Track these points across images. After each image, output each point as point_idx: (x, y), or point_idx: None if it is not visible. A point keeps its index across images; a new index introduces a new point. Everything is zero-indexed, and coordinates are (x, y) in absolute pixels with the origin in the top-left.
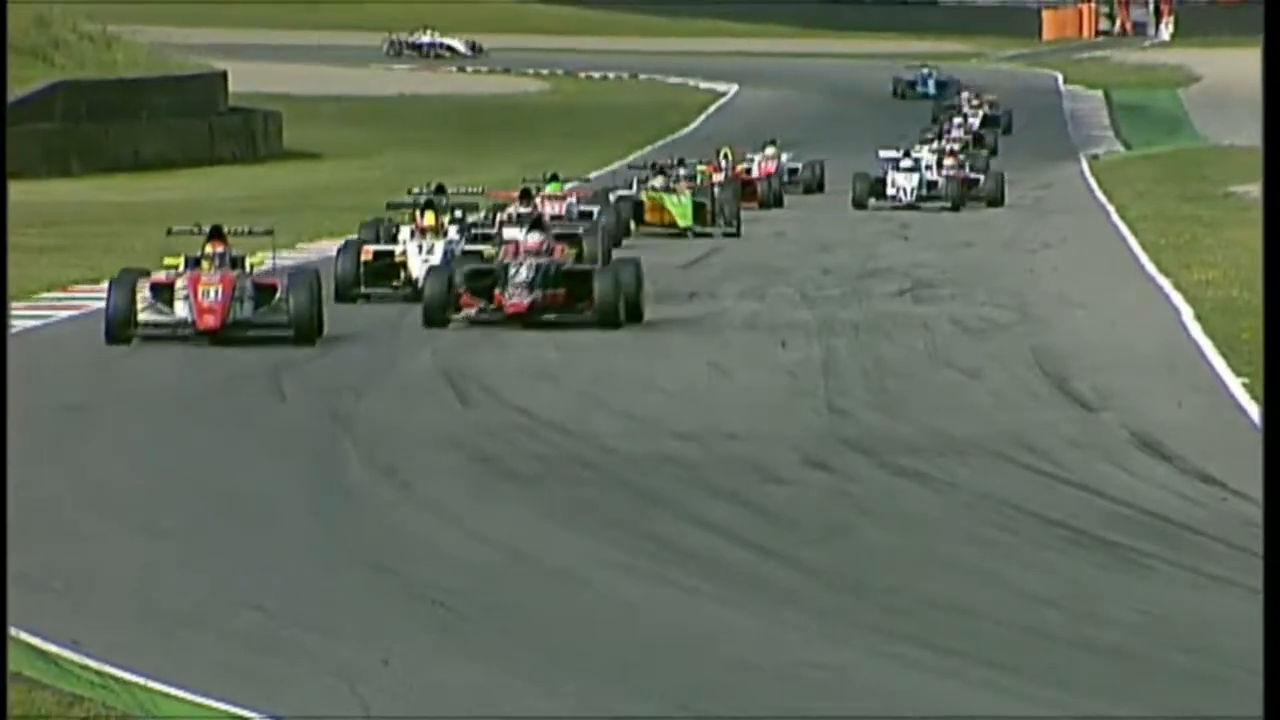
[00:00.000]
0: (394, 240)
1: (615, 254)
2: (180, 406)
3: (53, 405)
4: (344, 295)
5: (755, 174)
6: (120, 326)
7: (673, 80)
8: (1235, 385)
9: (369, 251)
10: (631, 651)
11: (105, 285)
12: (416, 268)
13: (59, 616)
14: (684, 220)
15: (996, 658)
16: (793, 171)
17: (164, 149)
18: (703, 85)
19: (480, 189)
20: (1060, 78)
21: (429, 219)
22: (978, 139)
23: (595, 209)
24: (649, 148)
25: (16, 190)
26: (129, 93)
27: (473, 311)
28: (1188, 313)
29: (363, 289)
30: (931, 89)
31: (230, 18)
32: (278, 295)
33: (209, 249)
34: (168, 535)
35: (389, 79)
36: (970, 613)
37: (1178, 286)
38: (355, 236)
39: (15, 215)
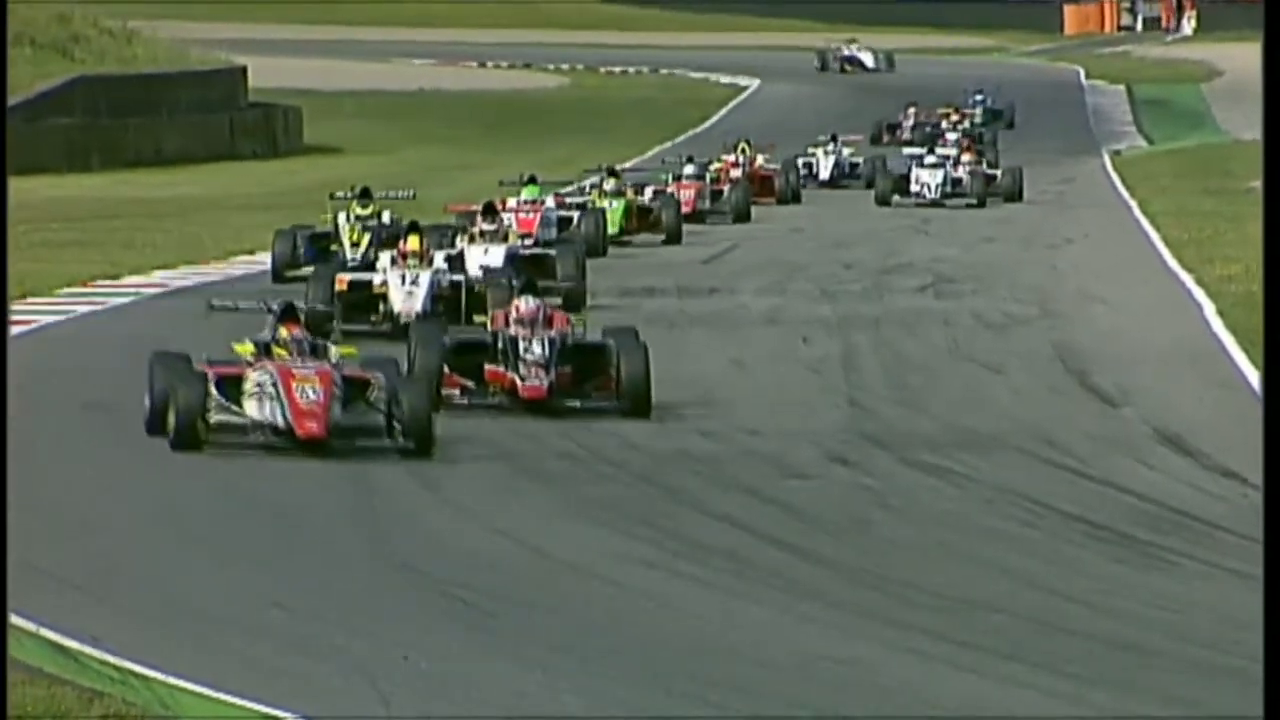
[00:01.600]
0: (370, 268)
1: (596, 262)
2: None
3: (73, 402)
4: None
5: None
6: (189, 430)
7: (693, 75)
8: (1257, 380)
9: (344, 281)
10: (653, 646)
11: (128, 280)
12: (399, 301)
13: (81, 613)
14: (611, 227)
15: (1017, 652)
16: (853, 166)
17: (184, 144)
18: (724, 80)
19: (411, 193)
20: (1082, 72)
21: (412, 243)
22: (973, 140)
23: (575, 215)
24: (669, 143)
25: (37, 185)
26: (149, 88)
27: (457, 393)
28: (1210, 308)
29: (338, 325)
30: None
31: (251, 13)
32: (372, 392)
33: (284, 332)
34: (191, 533)
35: (409, 74)
36: (990, 607)
37: (1200, 282)
38: (288, 232)
39: (36, 211)
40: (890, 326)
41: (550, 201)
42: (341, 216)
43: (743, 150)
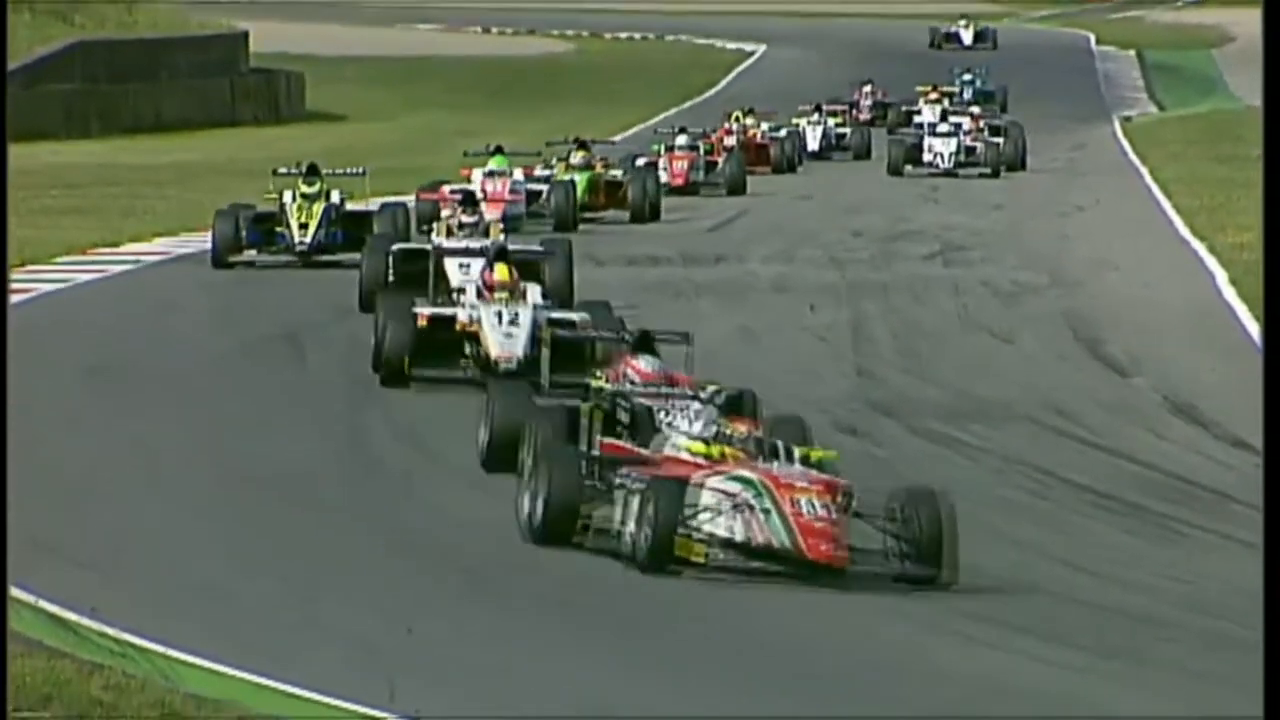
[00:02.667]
0: (452, 302)
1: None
2: (201, 369)
3: (74, 368)
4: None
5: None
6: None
7: (700, 40)
8: None
9: (425, 317)
10: (661, 615)
11: (127, 248)
12: (496, 345)
13: (80, 585)
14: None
15: (1027, 623)
16: (840, 137)
17: (185, 110)
18: (730, 45)
19: (362, 170)
20: (1093, 38)
21: (500, 274)
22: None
23: (543, 188)
24: (674, 109)
25: (37, 151)
26: (149, 53)
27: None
28: (1221, 276)
29: (409, 371)
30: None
31: None
32: None
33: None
34: (191, 502)
35: (413, 40)
36: (999, 578)
37: (1211, 250)
38: (229, 211)
39: (35, 177)
40: (899, 294)
41: (519, 174)
42: (287, 195)
43: (736, 119)
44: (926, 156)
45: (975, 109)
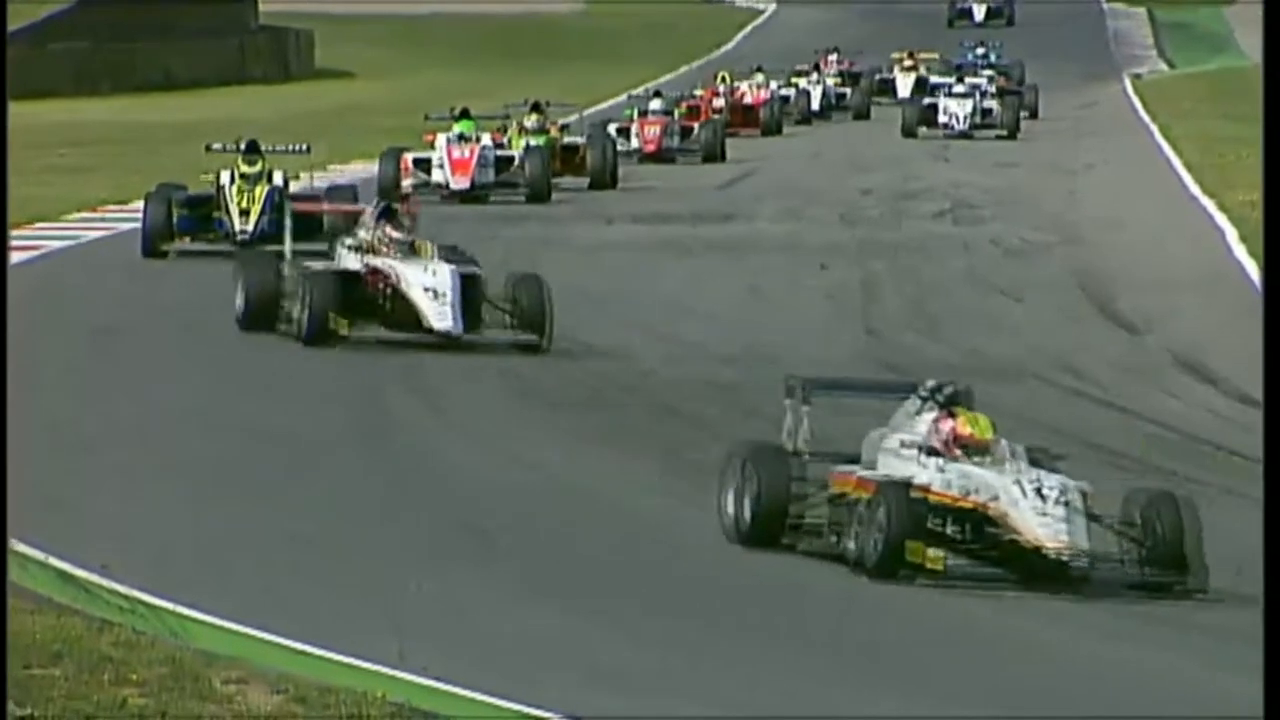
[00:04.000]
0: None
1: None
2: (211, 327)
3: (84, 327)
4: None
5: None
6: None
7: None
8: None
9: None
10: (669, 575)
11: (136, 206)
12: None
13: (90, 541)
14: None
15: (1035, 582)
16: (840, 97)
17: (193, 69)
18: (740, 3)
19: (305, 146)
20: None
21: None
22: (1007, 77)
23: (515, 154)
24: (685, 68)
25: (45, 110)
26: (159, 11)
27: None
28: (1232, 234)
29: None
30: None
31: None
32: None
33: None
34: (200, 459)
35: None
36: None
37: (1221, 207)
38: (160, 193)
39: (44, 135)
40: (909, 253)
41: (487, 139)
42: (225, 176)
43: (724, 79)
44: (941, 118)
45: (989, 73)
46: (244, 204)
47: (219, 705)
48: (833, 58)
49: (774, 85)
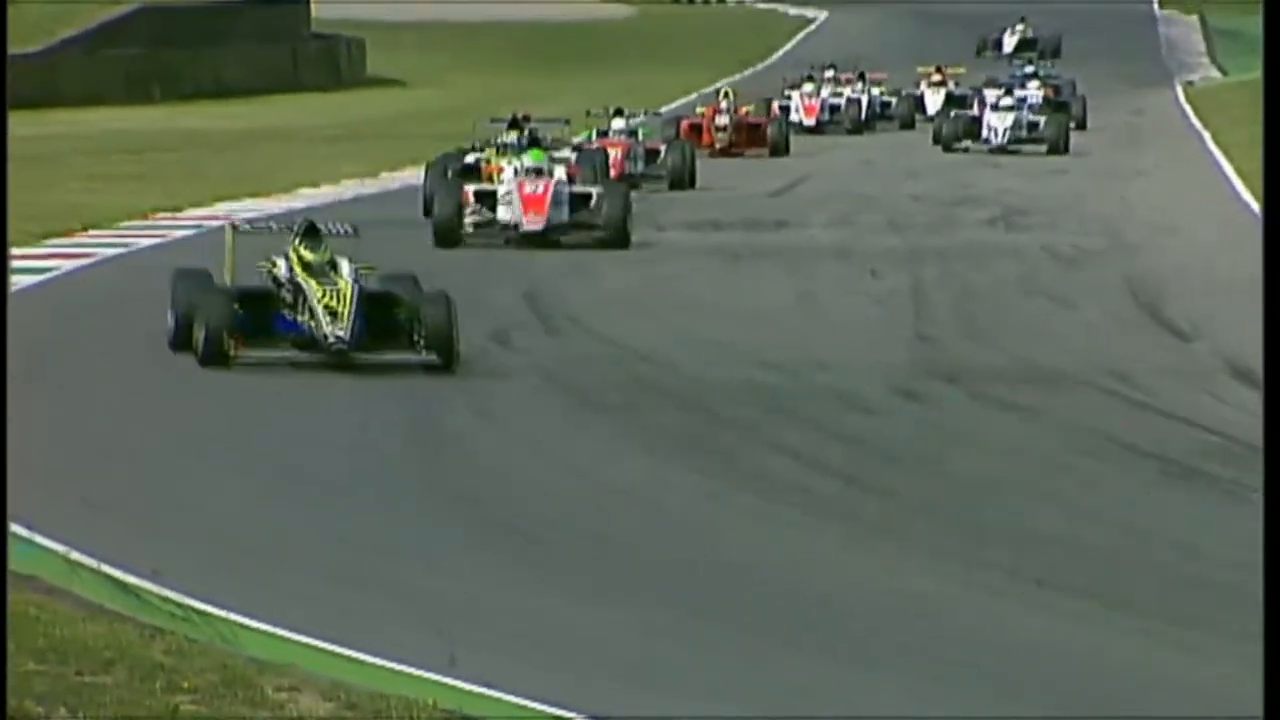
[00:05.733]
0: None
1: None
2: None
3: (134, 333)
4: None
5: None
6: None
7: (761, 5)
8: None
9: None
10: (712, 579)
11: (185, 214)
12: None
13: (141, 548)
14: None
15: (1090, 589)
16: (885, 105)
17: (246, 76)
18: (792, 11)
19: (351, 228)
20: (1155, 1)
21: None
22: (1055, 89)
23: (593, 191)
24: (737, 75)
25: (97, 117)
26: (212, 19)
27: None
28: None
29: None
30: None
31: None
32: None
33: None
34: (246, 465)
35: (473, 5)
36: (1063, 544)
37: None
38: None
39: (96, 143)
40: (959, 259)
41: (561, 173)
42: (282, 264)
43: (726, 95)
44: (984, 133)
45: (1034, 83)
46: (330, 301)
47: (270, 712)
48: (829, 73)
49: (825, 94)
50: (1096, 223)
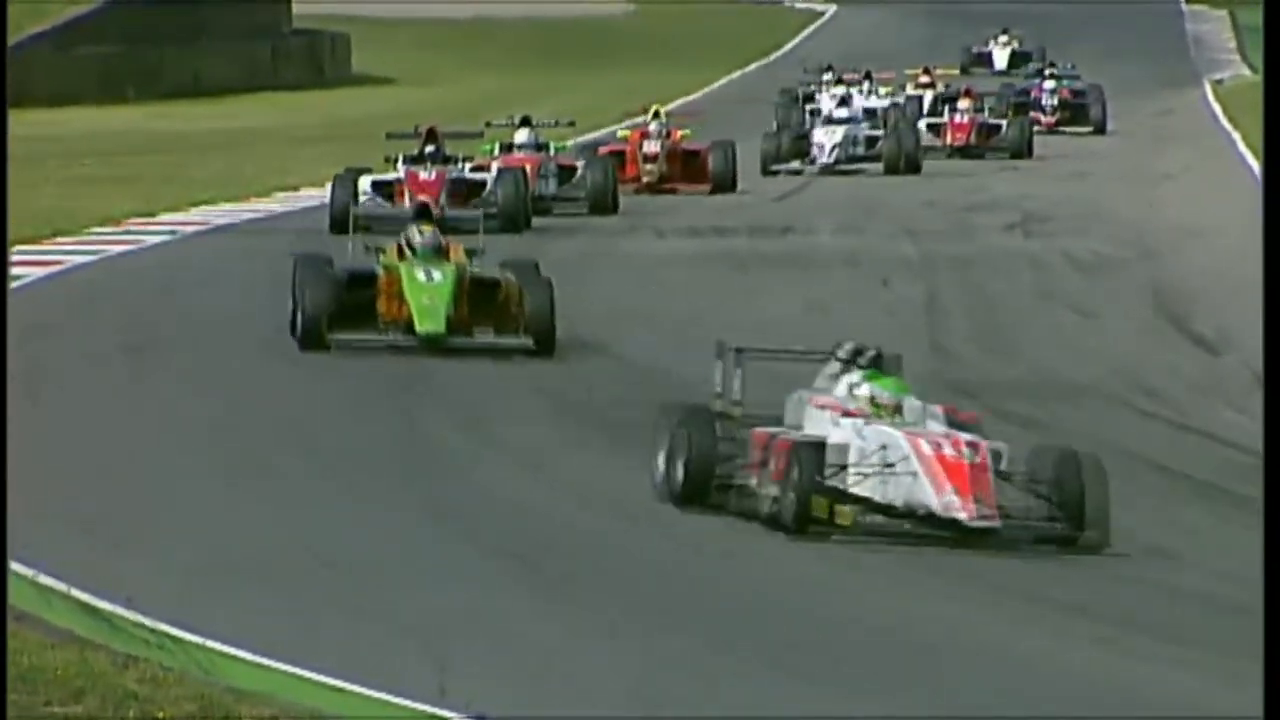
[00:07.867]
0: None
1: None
2: (236, 345)
3: (109, 345)
4: None
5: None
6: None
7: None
8: None
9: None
10: (717, 600)
11: (160, 220)
12: None
13: (114, 570)
14: None
15: (1114, 614)
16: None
17: (224, 74)
18: (799, 5)
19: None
20: None
21: None
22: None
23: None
24: (738, 72)
25: (69, 117)
26: (188, 14)
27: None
28: None
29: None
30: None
31: None
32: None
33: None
34: (231, 483)
35: (465, 1)
36: (1086, 567)
37: None
38: None
39: (68, 144)
40: (976, 267)
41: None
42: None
43: (656, 114)
44: (812, 151)
45: (1051, 84)
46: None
47: None
48: (827, 76)
49: (881, 91)
50: (1121, 228)
